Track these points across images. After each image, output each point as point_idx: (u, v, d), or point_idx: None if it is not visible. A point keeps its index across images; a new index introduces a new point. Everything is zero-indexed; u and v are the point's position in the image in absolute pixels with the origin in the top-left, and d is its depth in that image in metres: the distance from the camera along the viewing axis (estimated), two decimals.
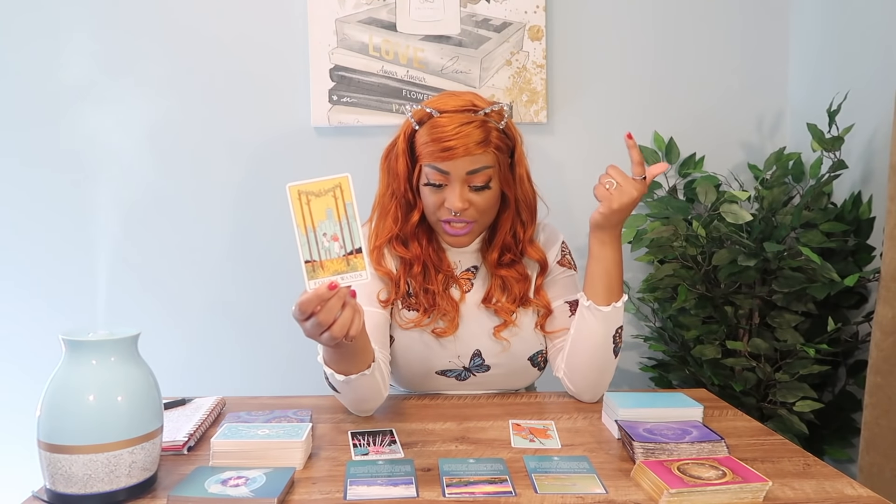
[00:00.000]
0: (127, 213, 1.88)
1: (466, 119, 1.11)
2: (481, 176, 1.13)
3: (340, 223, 0.81)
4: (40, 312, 1.88)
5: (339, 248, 0.82)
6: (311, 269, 0.81)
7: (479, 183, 1.13)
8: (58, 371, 0.79)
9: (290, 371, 1.88)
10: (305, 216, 0.80)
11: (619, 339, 1.16)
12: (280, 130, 1.89)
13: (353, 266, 0.83)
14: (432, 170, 1.13)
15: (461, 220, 1.16)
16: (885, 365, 1.31)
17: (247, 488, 0.79)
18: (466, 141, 1.10)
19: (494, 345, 1.21)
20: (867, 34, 1.67)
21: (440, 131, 1.11)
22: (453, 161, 1.10)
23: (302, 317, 0.84)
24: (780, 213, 1.67)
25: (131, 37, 1.84)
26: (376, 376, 1.04)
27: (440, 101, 1.15)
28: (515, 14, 1.86)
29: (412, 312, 1.20)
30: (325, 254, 0.81)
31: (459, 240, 1.20)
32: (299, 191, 0.81)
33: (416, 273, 1.20)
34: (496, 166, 1.15)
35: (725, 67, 1.94)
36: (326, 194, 0.81)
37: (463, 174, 1.12)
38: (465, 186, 1.13)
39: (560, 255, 1.28)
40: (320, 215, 0.81)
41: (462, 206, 1.13)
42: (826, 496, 0.81)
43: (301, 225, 0.80)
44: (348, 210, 0.82)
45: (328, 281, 0.82)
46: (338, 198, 0.81)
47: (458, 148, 1.09)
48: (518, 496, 0.81)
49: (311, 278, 0.82)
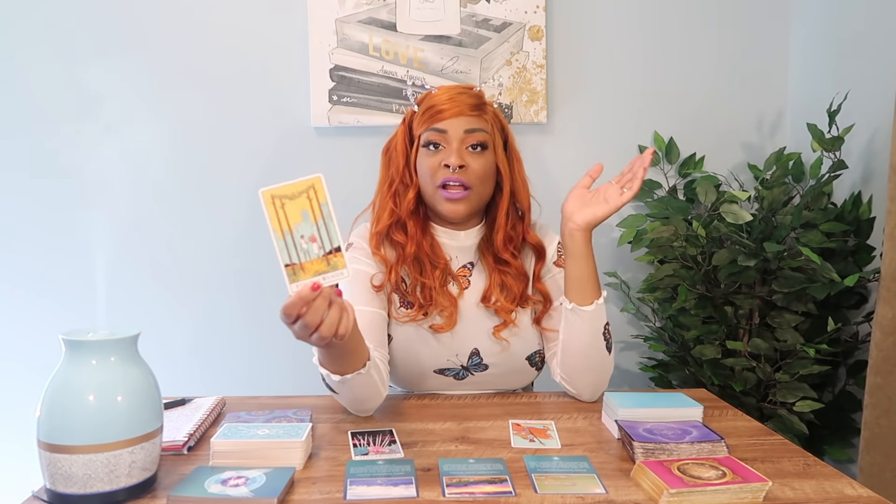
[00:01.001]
0: (127, 213, 1.88)
1: (462, 90, 1.20)
2: (478, 135, 1.18)
3: (317, 224, 0.81)
4: (40, 312, 1.88)
5: (318, 249, 0.81)
6: (292, 272, 0.81)
7: (476, 142, 1.17)
8: (58, 371, 0.79)
9: (290, 371, 1.88)
10: (281, 220, 0.80)
11: (609, 335, 1.17)
12: (280, 130, 1.89)
13: (333, 265, 0.82)
14: (430, 132, 1.18)
15: (458, 180, 1.16)
16: (885, 365, 1.31)
17: (247, 488, 0.78)
18: (461, 104, 1.17)
19: (493, 344, 1.21)
20: (867, 34, 1.67)
21: (436, 99, 1.19)
22: (450, 120, 1.16)
23: (288, 320, 0.84)
24: (780, 213, 1.67)
25: (131, 37, 1.84)
26: (373, 375, 1.04)
27: (440, 86, 1.24)
28: (515, 14, 1.86)
29: (409, 308, 1.21)
30: (304, 255, 0.81)
31: (456, 207, 1.18)
32: (272, 195, 0.80)
33: (411, 259, 1.19)
34: (491, 134, 1.20)
35: (725, 67, 1.94)
36: (300, 196, 0.80)
37: (460, 132, 1.17)
38: (462, 146, 1.17)
39: (556, 256, 1.28)
40: (296, 217, 0.80)
41: (459, 161, 1.15)
42: (826, 496, 0.81)
43: (277, 229, 0.80)
44: (324, 210, 0.81)
45: (310, 282, 0.82)
46: (312, 199, 0.80)
47: (453, 108, 1.17)
48: (518, 496, 0.81)
49: (292, 281, 0.81)
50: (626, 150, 1.95)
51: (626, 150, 1.95)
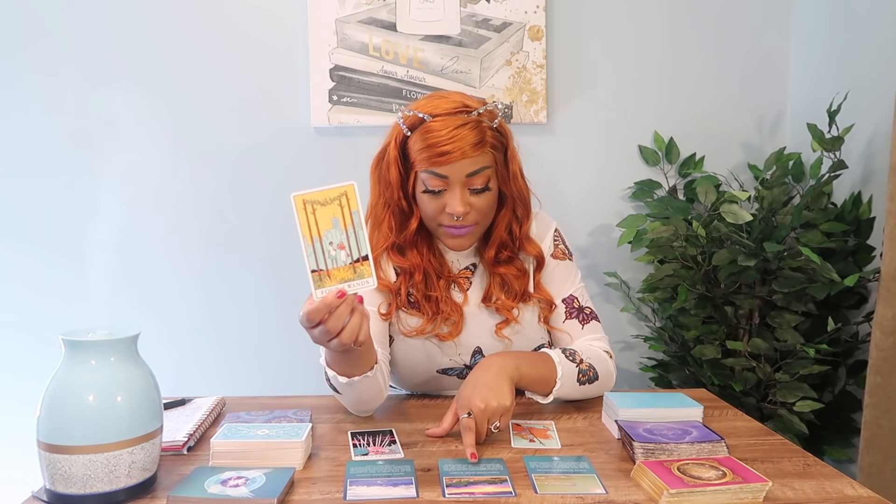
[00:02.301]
0: (127, 213, 1.88)
1: (460, 121, 1.09)
2: (481, 177, 1.12)
3: (347, 231, 0.81)
4: (40, 312, 1.88)
5: (346, 257, 0.81)
6: (318, 278, 0.81)
7: (479, 185, 1.12)
8: (57, 371, 0.79)
9: (289, 371, 1.88)
10: (311, 226, 0.79)
11: (584, 375, 1.14)
12: (280, 130, 1.89)
13: (359, 273, 0.82)
14: (430, 175, 1.11)
15: (463, 224, 1.14)
16: (885, 365, 1.31)
17: (246, 488, 0.78)
18: (462, 144, 1.07)
19: (496, 343, 1.21)
20: (867, 34, 1.66)
21: (434, 136, 1.08)
22: (451, 165, 1.09)
23: (310, 325, 0.84)
24: (780, 213, 1.67)
25: (131, 36, 1.84)
26: (378, 377, 1.04)
27: (430, 105, 1.12)
28: (515, 14, 1.86)
29: (415, 319, 1.19)
30: (331, 262, 0.81)
31: (461, 242, 1.19)
32: (304, 200, 0.79)
33: (418, 282, 1.19)
34: (493, 166, 1.14)
35: (726, 67, 1.94)
36: (332, 203, 0.80)
37: (462, 177, 1.11)
38: (464, 190, 1.12)
39: (553, 247, 1.27)
40: (326, 224, 0.80)
41: (464, 210, 1.11)
42: (826, 496, 0.81)
43: (307, 235, 0.79)
44: (354, 218, 0.81)
45: (336, 289, 0.82)
46: (344, 206, 0.80)
47: (455, 152, 1.07)
48: (518, 496, 0.81)
49: (317, 287, 0.81)
50: (626, 150, 1.95)
51: (626, 151, 1.95)
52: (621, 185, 1.95)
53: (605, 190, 1.95)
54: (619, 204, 1.96)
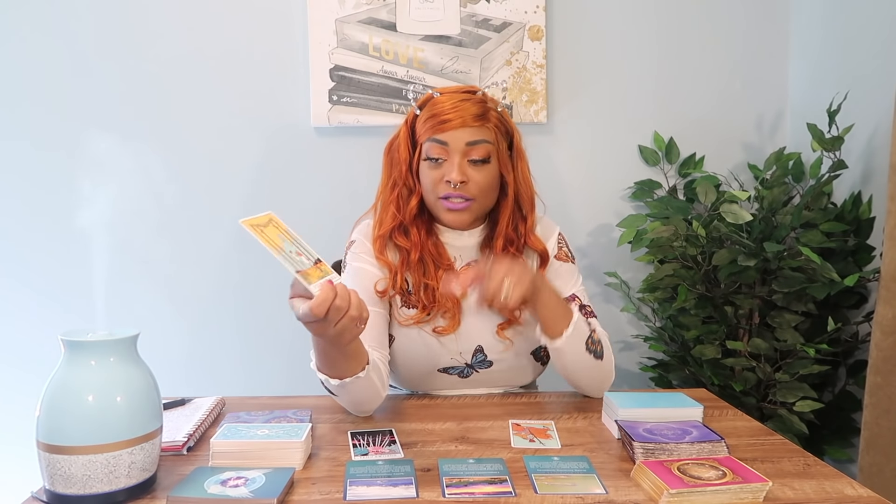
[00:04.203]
0: (127, 213, 1.88)
1: (465, 97, 1.17)
2: (480, 149, 1.16)
3: (294, 242, 0.85)
4: (40, 313, 1.88)
5: (308, 260, 0.85)
6: (304, 277, 0.82)
7: (478, 156, 1.16)
8: (57, 371, 0.79)
9: (289, 371, 1.88)
10: (270, 241, 0.83)
11: (595, 344, 1.14)
12: (280, 130, 1.89)
13: (325, 272, 0.85)
14: (432, 143, 1.16)
15: (460, 195, 1.16)
16: (885, 365, 1.31)
17: (246, 489, 0.78)
18: (464, 113, 1.14)
19: (497, 342, 1.21)
20: (867, 34, 1.66)
21: (439, 107, 1.16)
22: (452, 132, 1.14)
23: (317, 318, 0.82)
24: (780, 213, 1.67)
25: (130, 35, 1.84)
26: (372, 377, 1.03)
27: (442, 88, 1.22)
28: (515, 14, 1.86)
29: (412, 310, 1.20)
30: (302, 266, 0.83)
31: (458, 217, 1.19)
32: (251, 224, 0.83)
33: (415, 263, 1.19)
34: (495, 144, 1.17)
35: (726, 67, 1.94)
36: (269, 224, 0.85)
37: (462, 145, 1.15)
38: (464, 159, 1.16)
39: (556, 249, 1.27)
40: (277, 239, 0.84)
41: (461, 178, 1.14)
42: (826, 496, 0.81)
43: (273, 248, 0.83)
44: (291, 232, 0.86)
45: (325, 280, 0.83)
46: (278, 226, 0.85)
47: (456, 119, 1.14)
48: (518, 496, 0.80)
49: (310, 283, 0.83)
50: (626, 150, 1.95)
51: (626, 151, 1.95)
52: (621, 184, 1.95)
53: (605, 190, 1.95)
54: (619, 204, 1.96)
